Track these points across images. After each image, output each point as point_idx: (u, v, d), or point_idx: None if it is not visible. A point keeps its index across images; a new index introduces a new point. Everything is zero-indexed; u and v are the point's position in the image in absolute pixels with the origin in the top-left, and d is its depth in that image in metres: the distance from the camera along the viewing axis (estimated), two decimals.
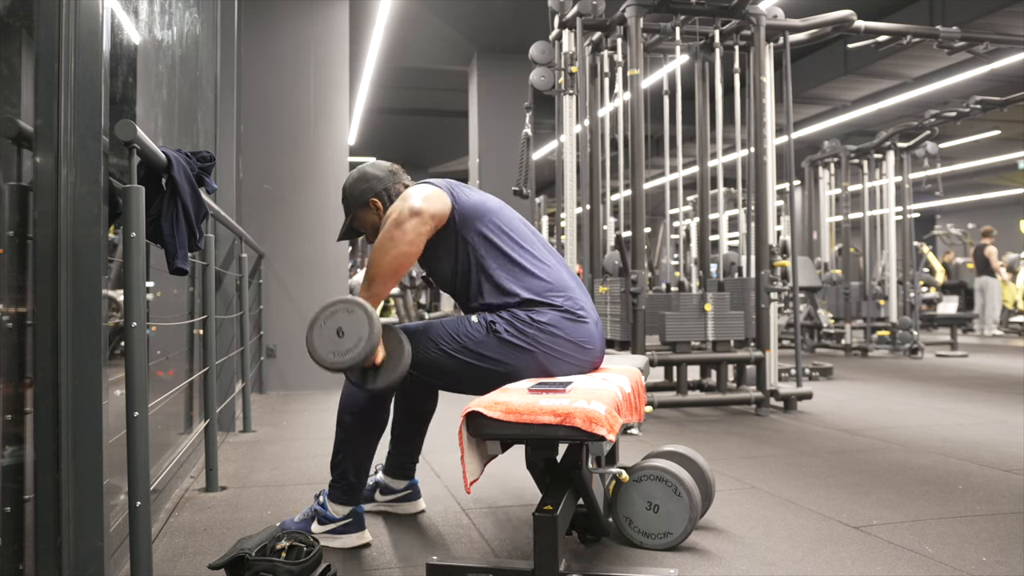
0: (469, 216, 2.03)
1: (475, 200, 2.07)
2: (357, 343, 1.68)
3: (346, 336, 1.68)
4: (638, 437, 3.56)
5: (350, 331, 1.68)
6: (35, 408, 1.35)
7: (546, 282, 2.02)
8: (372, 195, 2.17)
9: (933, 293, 10.31)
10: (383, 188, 2.18)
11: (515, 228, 2.09)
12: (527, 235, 2.10)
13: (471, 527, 2.22)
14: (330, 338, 1.70)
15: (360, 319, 1.71)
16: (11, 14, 1.57)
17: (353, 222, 2.23)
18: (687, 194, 9.85)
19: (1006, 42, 5.88)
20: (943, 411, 4.30)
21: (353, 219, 2.22)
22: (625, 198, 4.76)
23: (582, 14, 4.35)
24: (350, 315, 1.70)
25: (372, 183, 2.18)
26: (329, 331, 1.70)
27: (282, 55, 5.54)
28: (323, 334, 1.70)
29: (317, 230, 5.47)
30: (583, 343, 2.01)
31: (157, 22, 2.61)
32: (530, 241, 2.09)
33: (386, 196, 2.17)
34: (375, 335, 1.71)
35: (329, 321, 1.73)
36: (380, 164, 2.23)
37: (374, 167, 2.21)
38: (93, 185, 1.39)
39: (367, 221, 2.20)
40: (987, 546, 2.00)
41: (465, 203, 2.04)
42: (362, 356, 1.71)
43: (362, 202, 2.18)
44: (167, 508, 2.41)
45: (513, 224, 2.10)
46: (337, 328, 1.70)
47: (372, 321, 1.73)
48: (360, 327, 1.70)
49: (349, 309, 1.71)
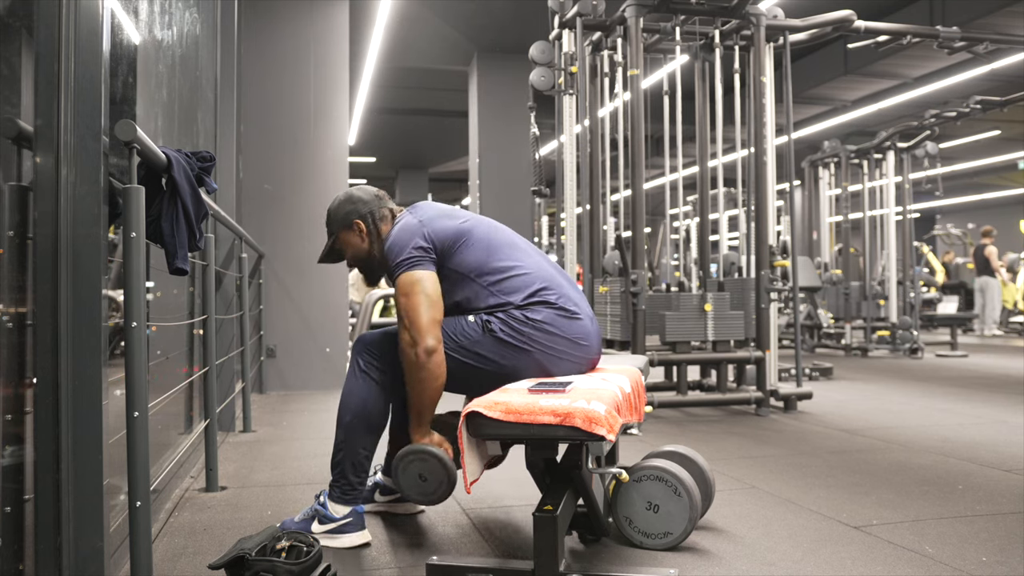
0: (448, 249, 2.07)
1: (449, 230, 2.09)
2: (439, 485, 1.90)
3: (429, 481, 1.90)
4: (638, 437, 3.56)
5: (431, 476, 1.90)
6: (35, 408, 1.35)
7: (534, 282, 2.05)
8: (357, 216, 2.20)
9: (933, 293, 10.31)
10: (368, 211, 2.21)
11: (495, 241, 2.12)
12: (508, 243, 2.13)
13: (471, 527, 2.22)
14: (417, 484, 1.91)
15: (435, 466, 1.90)
16: (11, 14, 1.57)
17: (335, 244, 2.25)
18: (687, 194, 9.86)
19: (1006, 42, 5.88)
20: (943, 411, 4.30)
21: (335, 241, 2.25)
22: (625, 198, 4.76)
23: (582, 14, 4.35)
24: (425, 464, 1.90)
25: (357, 205, 2.21)
26: (412, 477, 1.91)
27: (282, 55, 5.54)
28: (409, 481, 1.91)
29: (317, 230, 5.45)
30: (579, 339, 2.03)
31: (157, 22, 2.61)
32: (512, 247, 2.13)
33: (371, 219, 2.21)
34: (452, 473, 1.90)
35: (408, 470, 1.91)
36: (367, 188, 2.27)
37: (360, 191, 2.26)
38: (93, 185, 1.39)
39: (349, 243, 2.23)
40: (987, 546, 2.00)
41: (442, 239, 2.07)
42: (447, 494, 1.91)
43: (346, 224, 2.21)
44: (167, 508, 2.41)
45: (493, 237, 2.12)
46: (419, 474, 1.90)
47: (446, 464, 1.90)
48: (438, 473, 1.90)
49: (423, 459, 1.90)
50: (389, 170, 17.29)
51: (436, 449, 1.92)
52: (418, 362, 1.95)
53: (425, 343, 1.95)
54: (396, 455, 1.96)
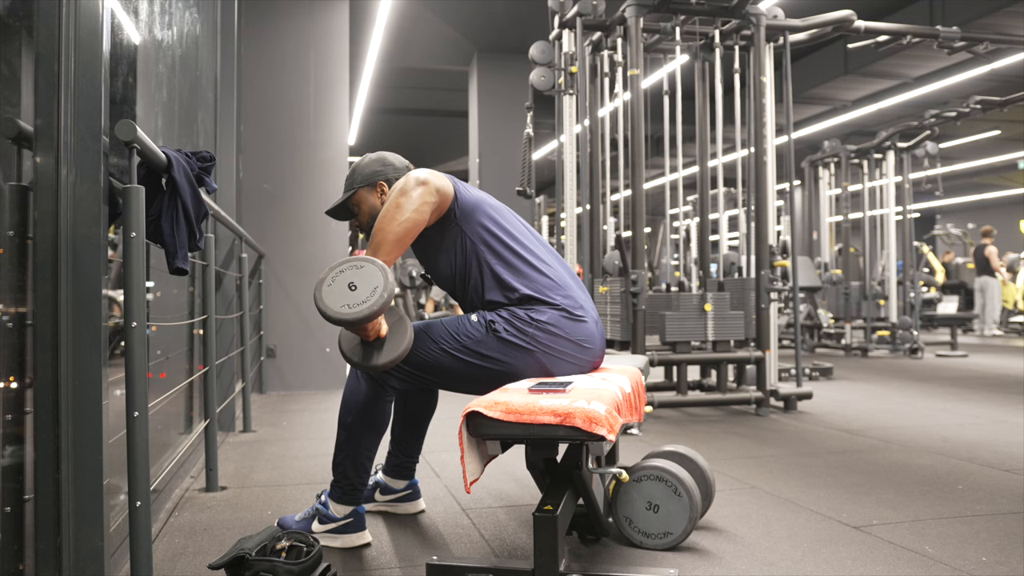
0: (470, 211, 2.03)
1: (476, 196, 2.07)
2: (372, 292, 1.62)
3: (359, 288, 1.61)
4: (638, 437, 3.56)
5: (363, 284, 1.62)
6: (35, 408, 1.35)
7: (546, 280, 2.02)
8: (383, 178, 2.17)
9: (933, 293, 10.31)
10: (394, 177, 2.18)
11: (515, 227, 2.09)
12: (527, 234, 2.11)
13: (471, 527, 2.22)
14: (342, 292, 1.63)
15: (372, 272, 1.65)
16: (11, 14, 1.57)
17: (349, 200, 2.19)
18: (687, 194, 9.86)
19: (1006, 42, 5.88)
20: (943, 411, 4.30)
21: (352, 196, 2.19)
22: (625, 198, 4.76)
23: (582, 14, 4.35)
24: (360, 270, 1.64)
25: (387, 169, 2.18)
26: (340, 287, 1.64)
27: (282, 55, 5.54)
28: (334, 290, 1.64)
29: (317, 230, 5.47)
30: (583, 342, 2.01)
31: (157, 22, 2.61)
32: (530, 240, 2.09)
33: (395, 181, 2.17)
34: (391, 283, 1.64)
35: (338, 279, 1.66)
36: (399, 157, 2.24)
37: (393, 156, 2.22)
38: (93, 185, 1.39)
39: (366, 202, 2.18)
40: (987, 546, 2.00)
41: (467, 197, 2.04)
42: (380, 304, 1.63)
43: (371, 182, 2.16)
44: (167, 508, 2.41)
45: (513, 223, 2.10)
46: (348, 283, 1.63)
47: (386, 271, 1.66)
48: (373, 278, 1.63)
49: (358, 265, 1.64)
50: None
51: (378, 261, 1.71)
52: (405, 186, 1.89)
53: (419, 174, 1.91)
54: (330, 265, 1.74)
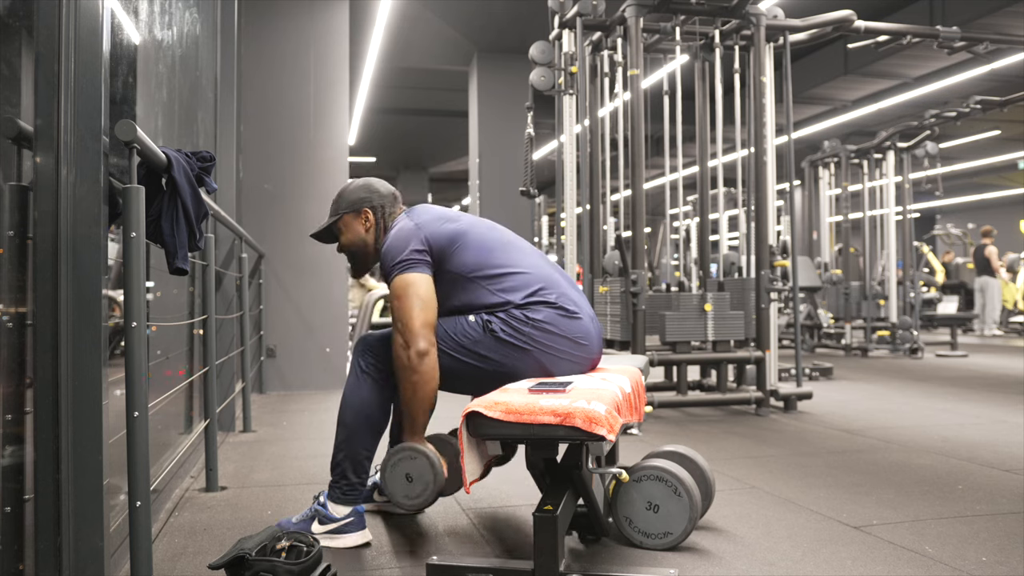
0: (445, 251, 2.07)
1: (446, 232, 2.08)
2: (425, 488, 1.89)
3: (415, 481, 1.89)
4: (638, 437, 3.56)
5: (417, 477, 1.89)
6: (35, 408, 1.35)
7: (534, 282, 2.05)
8: (368, 205, 2.21)
9: (933, 293, 10.31)
10: (380, 205, 2.22)
11: (492, 242, 2.11)
12: (505, 244, 2.13)
13: (471, 527, 2.22)
14: (401, 483, 1.89)
15: (424, 466, 1.89)
16: (11, 14, 1.57)
17: (335, 224, 2.24)
18: (687, 194, 9.85)
19: (1006, 42, 5.88)
20: (943, 411, 4.30)
21: (337, 221, 2.23)
22: (625, 198, 4.76)
23: (582, 14, 4.35)
24: (414, 461, 1.89)
25: (373, 196, 2.22)
26: (399, 477, 1.90)
27: (282, 55, 5.54)
28: (395, 480, 1.90)
29: None
30: (579, 339, 2.02)
31: (157, 22, 2.61)
32: (510, 248, 2.12)
33: (380, 213, 2.21)
34: (440, 478, 1.89)
35: (397, 468, 1.90)
36: (386, 184, 2.27)
37: (380, 183, 2.26)
38: (93, 185, 1.39)
39: (350, 228, 2.22)
40: (987, 546, 2.00)
41: (439, 241, 2.07)
42: (432, 499, 1.91)
43: (356, 208, 2.21)
44: (167, 508, 2.41)
45: (489, 238, 2.12)
46: (405, 474, 1.89)
47: (435, 466, 1.89)
48: (425, 474, 1.89)
49: (412, 456, 1.89)
50: (389, 170, 17.29)
51: (427, 450, 1.91)
52: (410, 365, 1.95)
53: (417, 345, 1.94)
54: (387, 452, 1.95)
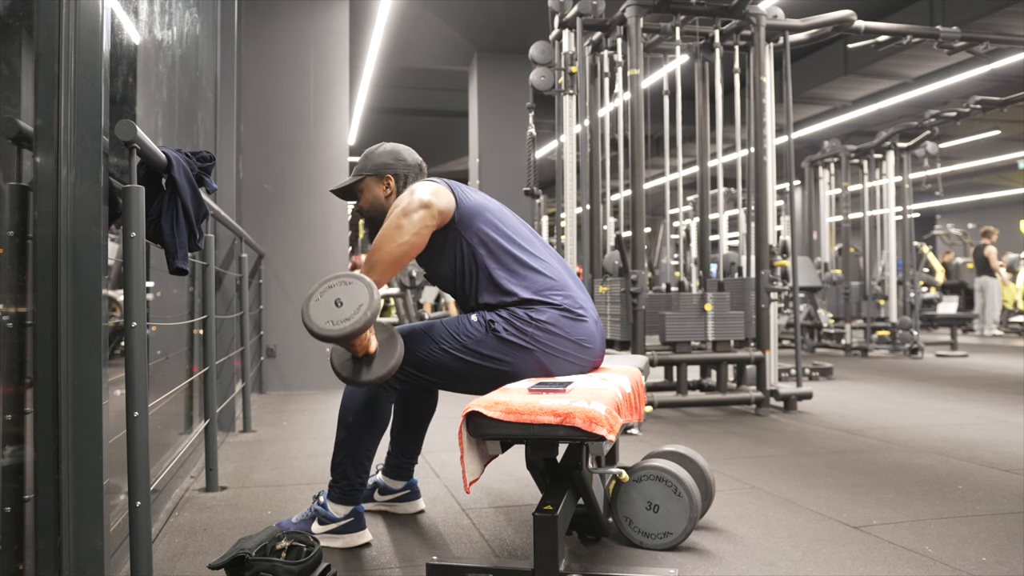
0: (470, 216, 2.03)
1: (476, 201, 2.07)
2: (357, 309, 1.66)
3: (345, 305, 1.66)
4: (638, 437, 3.56)
5: (349, 300, 1.66)
6: (35, 408, 1.35)
7: (545, 280, 2.02)
8: (392, 172, 2.17)
9: (933, 293, 10.31)
10: (404, 174, 2.18)
11: (515, 228, 2.09)
12: (527, 235, 2.11)
13: (471, 527, 2.22)
14: (328, 308, 1.67)
15: (359, 289, 1.69)
16: (11, 14, 1.57)
17: (355, 185, 2.20)
18: (687, 194, 9.85)
19: (1006, 42, 5.88)
20: (943, 411, 4.30)
21: (359, 182, 2.19)
22: (625, 198, 4.76)
23: (582, 14, 4.35)
24: (348, 286, 1.68)
25: (398, 164, 2.18)
26: (327, 303, 1.68)
27: (282, 55, 5.54)
28: (320, 305, 1.68)
29: (317, 230, 5.47)
30: (583, 342, 2.02)
31: (157, 22, 2.61)
32: (529, 241, 2.10)
33: (402, 182, 2.18)
34: (375, 302, 1.68)
35: (326, 294, 1.70)
36: (413, 153, 2.23)
37: (407, 151, 2.22)
38: (93, 185, 1.39)
39: (371, 191, 2.18)
40: (987, 546, 2.00)
41: (466, 203, 2.05)
42: (363, 322, 1.67)
43: (379, 173, 2.17)
44: (167, 508, 2.41)
45: (512, 224, 2.10)
46: (335, 299, 1.68)
47: (372, 290, 1.70)
48: (359, 295, 1.68)
49: (347, 281, 1.69)
50: None
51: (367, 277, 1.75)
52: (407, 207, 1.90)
53: (423, 197, 1.92)
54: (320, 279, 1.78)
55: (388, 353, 1.88)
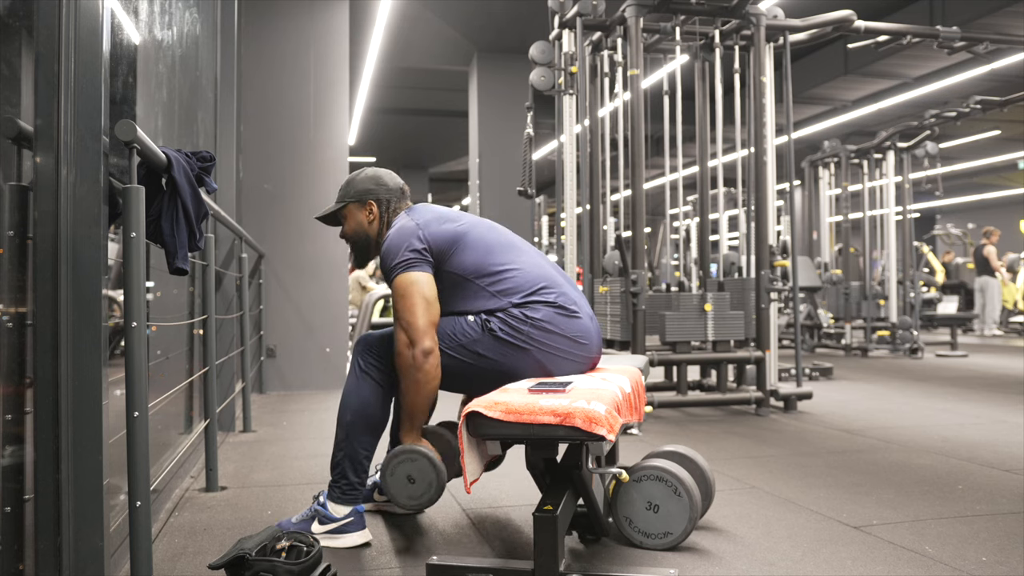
0: (445, 252, 2.07)
1: (446, 233, 2.08)
2: (428, 488, 1.91)
3: (417, 483, 1.91)
4: (638, 437, 3.56)
5: (419, 478, 1.91)
6: (35, 408, 1.35)
7: (534, 279, 2.05)
8: (374, 197, 2.20)
9: (933, 293, 10.31)
10: (386, 199, 2.22)
11: (490, 241, 2.11)
12: (506, 243, 2.13)
13: (471, 527, 2.22)
14: (404, 485, 1.91)
15: (424, 466, 1.91)
16: (11, 14, 1.57)
17: (340, 211, 2.24)
18: (687, 194, 9.85)
19: (1006, 42, 5.88)
20: (943, 411, 4.30)
21: (342, 208, 2.23)
22: (625, 198, 4.76)
23: (582, 14, 4.35)
24: (414, 463, 1.91)
25: (380, 188, 2.22)
26: (400, 479, 1.91)
27: (282, 55, 5.54)
28: (396, 482, 1.92)
29: (317, 230, 5.47)
30: (578, 338, 2.02)
31: (157, 22, 2.61)
32: (511, 246, 2.12)
33: (385, 207, 2.21)
34: (442, 476, 1.91)
35: (397, 471, 1.92)
36: (395, 177, 2.27)
37: (389, 176, 2.25)
38: (93, 185, 1.39)
39: (354, 217, 2.23)
40: (987, 546, 2.00)
41: (439, 242, 2.06)
42: (435, 497, 1.92)
43: (361, 199, 2.21)
44: (167, 508, 2.41)
45: (488, 238, 2.12)
46: (407, 475, 1.91)
47: (436, 465, 1.91)
48: (427, 473, 1.91)
49: (412, 459, 1.91)
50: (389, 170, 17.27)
51: (427, 450, 1.92)
52: (415, 364, 1.95)
53: (422, 344, 1.95)
54: (386, 456, 1.96)
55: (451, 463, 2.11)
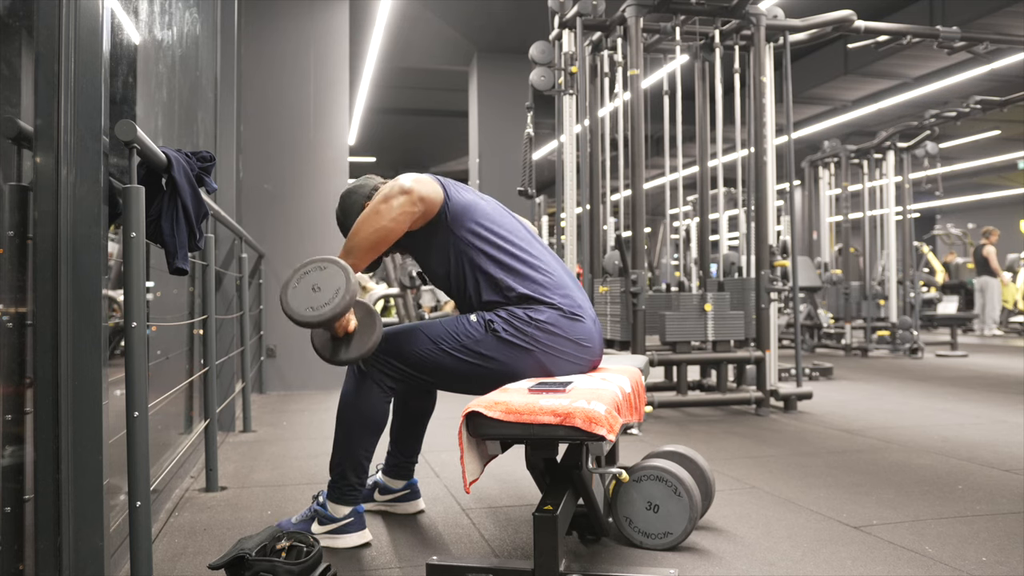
0: (461, 214, 2.03)
1: (468, 199, 2.07)
2: (335, 295, 1.66)
3: (323, 290, 1.67)
4: (638, 437, 3.56)
5: (326, 286, 1.67)
6: (35, 408, 1.35)
7: (543, 279, 2.03)
8: (364, 199, 2.20)
9: (933, 293, 10.31)
10: (370, 189, 2.21)
11: (510, 228, 2.09)
12: (523, 235, 2.11)
13: (471, 527, 2.22)
14: (306, 294, 1.68)
15: (334, 273, 1.69)
16: (11, 14, 1.57)
17: None
18: (687, 194, 9.85)
19: (1006, 42, 5.88)
20: (943, 411, 4.30)
21: None
22: (625, 198, 4.76)
23: (582, 14, 4.35)
24: (323, 271, 1.69)
25: (356, 193, 2.22)
26: (304, 289, 1.69)
27: (282, 55, 5.54)
28: (298, 292, 1.69)
29: (317, 230, 5.47)
30: (581, 341, 2.02)
31: (157, 22, 2.61)
32: (527, 241, 2.10)
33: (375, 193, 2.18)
34: (352, 286, 1.68)
35: (303, 280, 1.71)
36: (366, 179, 2.26)
37: (354, 183, 2.26)
38: (93, 185, 1.39)
39: None
40: (987, 546, 2.00)
41: (457, 200, 2.04)
42: (341, 307, 1.67)
43: (358, 212, 2.19)
44: (167, 508, 2.41)
45: (508, 224, 2.10)
46: (312, 285, 1.69)
47: (348, 274, 1.70)
48: (336, 280, 1.68)
49: (322, 266, 1.70)
50: (389, 170, 17.29)
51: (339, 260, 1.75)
52: (388, 193, 1.89)
53: (402, 184, 1.91)
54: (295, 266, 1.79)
55: (368, 331, 1.88)
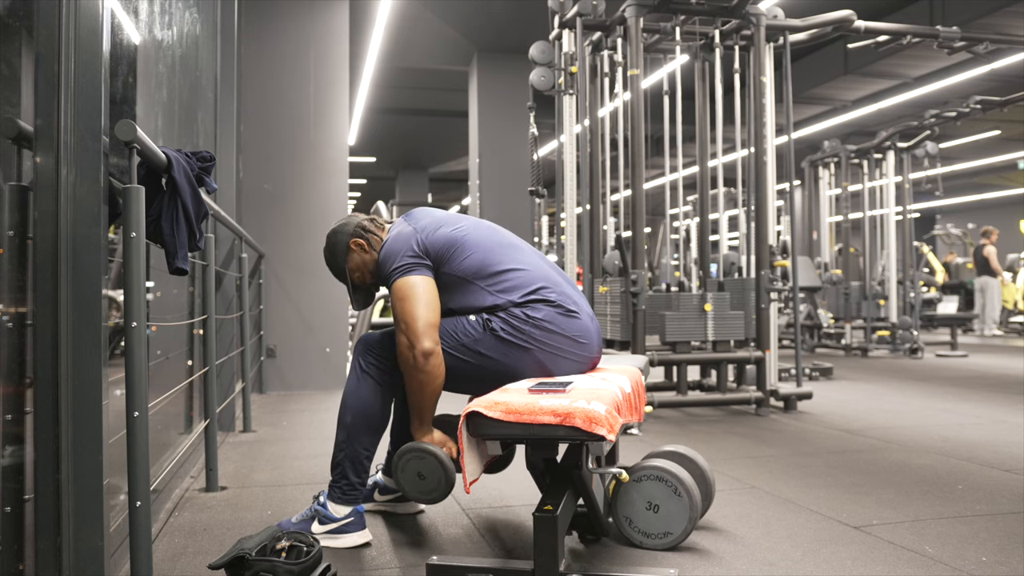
0: (443, 256, 2.07)
1: (442, 238, 2.08)
2: (438, 484, 1.93)
3: (427, 479, 1.94)
4: (638, 437, 3.56)
5: (429, 474, 1.93)
6: (35, 408, 1.35)
7: (533, 278, 2.05)
8: (349, 239, 2.21)
9: (933, 293, 10.31)
10: (355, 228, 2.22)
11: (490, 243, 2.11)
12: (505, 244, 2.13)
13: (471, 527, 2.22)
14: (415, 481, 1.95)
15: (432, 464, 1.93)
16: (11, 14, 1.57)
17: (352, 279, 2.24)
18: (687, 194, 9.85)
19: (1006, 42, 5.88)
20: (943, 411, 4.30)
21: (350, 276, 2.24)
22: (625, 198, 4.76)
23: (582, 14, 4.35)
24: (422, 461, 1.93)
25: (342, 233, 2.22)
26: (411, 476, 1.94)
27: (282, 55, 5.54)
28: (408, 479, 1.95)
29: (317, 230, 5.46)
30: (579, 337, 2.03)
31: (157, 22, 2.61)
32: (509, 247, 2.12)
33: (362, 232, 2.22)
34: (450, 471, 1.92)
35: (407, 468, 1.94)
36: (347, 218, 2.27)
37: (338, 223, 2.26)
38: (93, 185, 1.39)
39: (357, 265, 2.22)
40: (987, 546, 2.00)
41: (437, 246, 2.07)
42: (446, 492, 1.94)
43: (346, 251, 2.21)
44: (167, 508, 2.41)
45: (487, 241, 2.11)
46: (417, 472, 1.94)
47: (443, 461, 1.92)
48: (436, 471, 1.93)
49: (420, 456, 1.94)
50: (389, 170, 17.29)
51: (434, 447, 1.93)
52: (416, 364, 1.96)
53: (422, 346, 1.95)
54: (396, 453, 1.97)
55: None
